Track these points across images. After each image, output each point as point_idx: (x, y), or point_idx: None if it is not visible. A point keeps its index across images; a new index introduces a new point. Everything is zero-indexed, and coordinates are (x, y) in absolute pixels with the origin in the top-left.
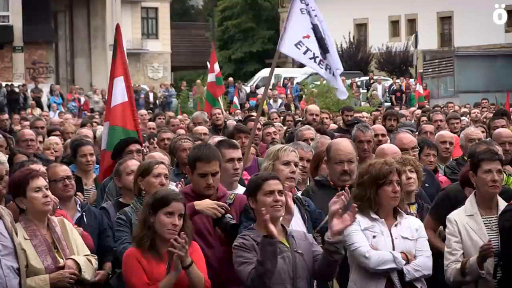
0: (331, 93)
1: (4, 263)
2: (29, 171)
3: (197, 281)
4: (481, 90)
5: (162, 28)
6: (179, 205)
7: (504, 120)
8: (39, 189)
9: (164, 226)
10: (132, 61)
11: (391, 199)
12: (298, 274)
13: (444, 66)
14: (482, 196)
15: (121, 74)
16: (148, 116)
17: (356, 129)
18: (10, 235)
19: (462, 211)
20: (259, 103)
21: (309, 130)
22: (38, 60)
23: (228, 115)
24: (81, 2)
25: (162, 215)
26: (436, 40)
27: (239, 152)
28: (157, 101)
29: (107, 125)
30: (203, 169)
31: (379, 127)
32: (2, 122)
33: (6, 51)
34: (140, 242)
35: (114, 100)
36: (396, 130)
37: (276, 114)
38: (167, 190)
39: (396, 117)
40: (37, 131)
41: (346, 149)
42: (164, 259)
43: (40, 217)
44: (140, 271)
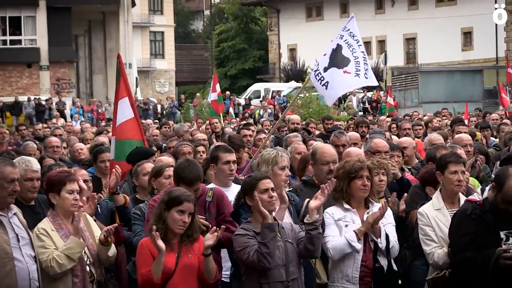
0: (313, 104)
1: (24, 252)
2: (68, 174)
3: (211, 269)
4: (441, 101)
5: (167, 49)
6: (190, 205)
7: (465, 127)
8: (72, 192)
9: (175, 222)
10: (142, 78)
11: (361, 191)
12: (290, 259)
13: (409, 81)
14: (447, 193)
15: (125, 96)
16: (154, 125)
17: (332, 135)
18: (25, 228)
19: (430, 205)
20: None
21: (296, 137)
22: (62, 77)
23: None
24: (98, 27)
25: (175, 213)
26: (402, 58)
27: (234, 156)
28: (164, 112)
29: (114, 139)
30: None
31: (354, 135)
32: (36, 131)
33: (34, 70)
34: None
35: (121, 118)
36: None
37: (268, 122)
38: (181, 191)
39: (367, 124)
40: (61, 138)
41: (330, 151)
42: (174, 249)
43: (66, 214)
44: (150, 260)
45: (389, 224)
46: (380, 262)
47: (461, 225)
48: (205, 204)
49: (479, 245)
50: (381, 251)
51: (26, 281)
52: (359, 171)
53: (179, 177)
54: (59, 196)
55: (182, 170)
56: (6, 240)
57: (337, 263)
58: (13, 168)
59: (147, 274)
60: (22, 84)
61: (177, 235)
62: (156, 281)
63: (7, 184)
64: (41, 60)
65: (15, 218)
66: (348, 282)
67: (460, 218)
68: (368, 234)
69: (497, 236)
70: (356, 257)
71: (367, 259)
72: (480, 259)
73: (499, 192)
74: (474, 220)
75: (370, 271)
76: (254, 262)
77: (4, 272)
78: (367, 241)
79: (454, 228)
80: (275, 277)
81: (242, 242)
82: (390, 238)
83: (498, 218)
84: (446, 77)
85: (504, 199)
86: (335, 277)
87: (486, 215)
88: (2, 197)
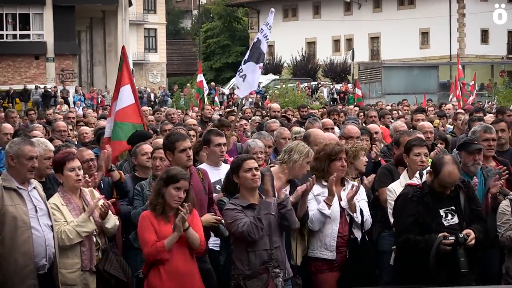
0: (289, 94)
1: (41, 221)
2: (67, 153)
3: (194, 239)
4: (401, 93)
5: (160, 44)
6: (185, 183)
7: (423, 115)
8: (73, 169)
9: (172, 197)
10: (137, 69)
11: (340, 171)
12: (273, 230)
13: (374, 74)
14: (412, 172)
15: (127, 83)
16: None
17: (307, 121)
18: (43, 200)
19: (398, 183)
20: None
21: (275, 123)
22: (66, 68)
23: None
24: (98, 24)
25: (172, 189)
26: (367, 55)
27: (224, 139)
28: (156, 100)
29: (112, 120)
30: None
31: (329, 121)
32: (47, 115)
33: (41, 61)
34: (154, 207)
35: (122, 103)
36: (341, 123)
37: (250, 110)
38: (177, 170)
39: (338, 112)
40: (67, 121)
41: (322, 134)
42: (171, 221)
43: (73, 190)
44: (151, 230)
45: (363, 200)
46: (354, 234)
47: (404, 207)
48: (204, 186)
49: (422, 223)
50: (356, 224)
51: (42, 247)
52: (339, 153)
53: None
54: (63, 174)
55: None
56: (24, 211)
57: (317, 233)
58: (32, 147)
59: (160, 248)
60: (30, 74)
61: (174, 209)
62: (167, 252)
63: (27, 161)
64: (47, 52)
65: (34, 192)
66: (326, 250)
67: (403, 200)
68: (345, 209)
69: (437, 214)
70: (333, 228)
71: (343, 231)
72: (422, 243)
73: (436, 177)
74: (416, 202)
75: (346, 241)
76: (243, 233)
77: (22, 239)
78: (344, 215)
79: (398, 210)
80: (260, 246)
81: (232, 215)
82: (364, 213)
83: (436, 199)
84: (406, 71)
85: (440, 183)
86: (315, 246)
87: (426, 197)
88: (22, 173)
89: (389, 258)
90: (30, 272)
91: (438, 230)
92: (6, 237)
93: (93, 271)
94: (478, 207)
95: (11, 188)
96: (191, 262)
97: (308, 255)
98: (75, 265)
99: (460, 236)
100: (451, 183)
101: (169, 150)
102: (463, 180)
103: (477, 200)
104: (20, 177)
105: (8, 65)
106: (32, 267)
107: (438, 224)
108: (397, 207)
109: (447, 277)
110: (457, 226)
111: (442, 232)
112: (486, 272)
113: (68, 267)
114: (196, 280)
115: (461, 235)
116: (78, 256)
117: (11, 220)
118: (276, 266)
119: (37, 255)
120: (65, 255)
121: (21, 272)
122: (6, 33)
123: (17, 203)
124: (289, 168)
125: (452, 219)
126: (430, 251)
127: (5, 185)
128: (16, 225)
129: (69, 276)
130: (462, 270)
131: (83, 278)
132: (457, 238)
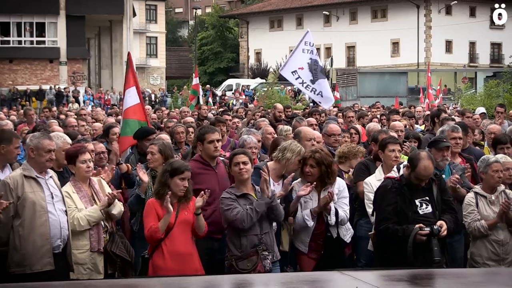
0: (275, 96)
1: (57, 207)
2: (80, 147)
3: (201, 225)
4: (374, 96)
5: (160, 50)
6: (189, 173)
7: (398, 116)
8: (84, 161)
9: (178, 187)
10: (139, 73)
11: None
12: (263, 218)
13: (350, 79)
14: (387, 167)
15: (133, 85)
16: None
17: (294, 120)
18: (58, 188)
19: (373, 177)
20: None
21: (264, 121)
22: (76, 71)
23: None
24: (106, 32)
25: (177, 180)
26: (344, 62)
27: (217, 135)
28: (156, 100)
29: (122, 118)
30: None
31: (312, 120)
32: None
33: (55, 64)
34: (161, 196)
35: (128, 102)
36: (323, 122)
37: (241, 109)
38: (180, 162)
39: (319, 113)
40: (81, 118)
41: (311, 131)
42: (174, 208)
43: (83, 180)
44: (154, 216)
45: (343, 197)
46: (330, 232)
47: (384, 197)
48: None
49: (400, 212)
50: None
51: (57, 229)
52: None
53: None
54: (75, 166)
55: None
56: (42, 197)
57: (298, 231)
58: (50, 141)
59: (154, 228)
60: (45, 75)
61: (176, 197)
62: (161, 234)
63: (45, 153)
64: (60, 57)
65: (50, 180)
66: (302, 244)
67: (383, 191)
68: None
69: (414, 203)
70: (309, 228)
71: (319, 229)
72: (400, 232)
73: (413, 171)
74: (394, 193)
75: (323, 238)
76: (236, 221)
77: (40, 222)
78: (322, 216)
79: (378, 200)
80: (251, 231)
81: (227, 203)
82: (339, 213)
83: (412, 190)
84: (378, 77)
85: (416, 176)
86: (295, 241)
87: (403, 188)
88: (41, 163)
89: (366, 243)
90: (46, 252)
91: (414, 218)
92: (26, 220)
93: (101, 252)
94: (449, 198)
95: (31, 176)
96: (191, 244)
97: (292, 242)
98: (85, 246)
99: (435, 227)
100: (426, 176)
101: (200, 141)
102: (436, 174)
103: (448, 191)
104: (38, 167)
105: (25, 67)
106: (48, 247)
107: (414, 213)
108: (377, 197)
109: (422, 263)
110: (430, 214)
111: (418, 219)
112: (452, 257)
113: (78, 248)
114: (195, 260)
115: (435, 227)
116: (87, 238)
117: (30, 205)
118: (265, 249)
119: (52, 237)
120: (76, 238)
121: (38, 251)
122: (24, 39)
123: (36, 190)
124: (282, 165)
125: (427, 208)
126: (407, 240)
127: (25, 174)
128: (35, 210)
129: (79, 256)
130: (435, 258)
131: (92, 258)
132: (432, 230)
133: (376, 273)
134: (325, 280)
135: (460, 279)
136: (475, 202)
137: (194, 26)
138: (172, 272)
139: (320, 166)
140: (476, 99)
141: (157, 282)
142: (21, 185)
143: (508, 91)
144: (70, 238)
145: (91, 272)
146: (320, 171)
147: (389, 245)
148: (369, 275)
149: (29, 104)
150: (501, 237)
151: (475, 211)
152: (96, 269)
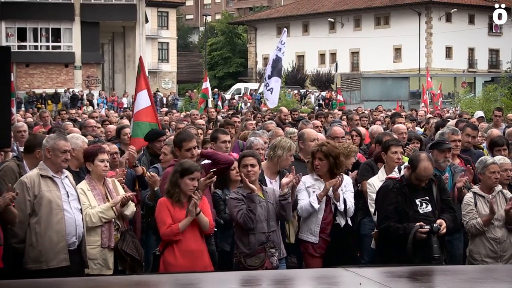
0: (283, 100)
1: (72, 205)
2: (99, 147)
3: (204, 223)
4: (377, 100)
5: (171, 55)
6: (198, 174)
7: (402, 119)
8: (103, 160)
9: (188, 186)
10: (151, 77)
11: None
12: (270, 216)
13: (354, 84)
14: (389, 168)
15: (144, 89)
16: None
17: (301, 123)
18: (74, 187)
19: (376, 178)
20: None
21: (271, 123)
22: (91, 75)
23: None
24: (119, 37)
25: (187, 179)
26: (349, 67)
27: (228, 137)
28: (168, 103)
29: (133, 121)
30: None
31: (317, 122)
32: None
33: (70, 68)
34: (172, 195)
35: (140, 105)
36: (328, 124)
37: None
38: (191, 162)
39: (324, 115)
40: (96, 120)
41: (314, 132)
42: (184, 207)
43: (98, 178)
44: (168, 214)
45: (349, 191)
46: (338, 221)
47: (385, 197)
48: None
49: (401, 211)
50: (339, 212)
51: (72, 227)
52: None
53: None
54: (93, 164)
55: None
56: (58, 196)
57: (305, 219)
58: (66, 142)
59: (176, 230)
60: (61, 79)
61: (187, 196)
62: (181, 236)
63: (61, 154)
64: (75, 61)
65: (66, 180)
66: (311, 234)
67: (384, 191)
68: (331, 199)
69: (414, 203)
70: (318, 216)
71: (327, 218)
72: (401, 230)
73: (413, 172)
74: (395, 193)
75: (330, 227)
76: (241, 222)
77: (56, 219)
78: (329, 204)
79: (380, 199)
80: (259, 229)
81: (233, 203)
82: (347, 202)
83: (412, 190)
84: (381, 81)
85: (416, 177)
86: (303, 230)
87: (404, 188)
88: (57, 163)
89: (369, 241)
90: (62, 248)
91: (415, 217)
92: (42, 218)
93: (111, 248)
94: (448, 197)
95: (47, 176)
96: (201, 241)
97: (298, 236)
98: (96, 242)
99: (434, 225)
100: (426, 177)
101: (177, 147)
102: (435, 174)
103: (447, 191)
104: (54, 167)
105: (41, 71)
106: (64, 243)
107: (415, 212)
108: (379, 197)
109: (421, 260)
110: (430, 213)
111: (418, 218)
112: (452, 254)
113: (90, 243)
114: (205, 257)
115: (435, 225)
116: (98, 234)
117: (47, 203)
118: (272, 247)
119: (68, 234)
120: (88, 234)
121: (54, 248)
122: (40, 45)
123: (52, 189)
124: (275, 162)
125: (427, 207)
126: (408, 238)
127: (42, 174)
128: (51, 208)
129: (90, 251)
130: (435, 255)
131: (102, 254)
132: (432, 228)
133: (378, 269)
134: (330, 276)
135: (459, 276)
136: (473, 201)
137: (204, 32)
138: (183, 269)
139: (328, 158)
140: (475, 103)
141: (167, 279)
142: (37, 184)
143: (506, 96)
144: (85, 235)
145: (101, 267)
146: (328, 163)
147: (390, 242)
148: (372, 272)
149: (44, 107)
150: (498, 235)
151: (474, 210)
152: (106, 265)
